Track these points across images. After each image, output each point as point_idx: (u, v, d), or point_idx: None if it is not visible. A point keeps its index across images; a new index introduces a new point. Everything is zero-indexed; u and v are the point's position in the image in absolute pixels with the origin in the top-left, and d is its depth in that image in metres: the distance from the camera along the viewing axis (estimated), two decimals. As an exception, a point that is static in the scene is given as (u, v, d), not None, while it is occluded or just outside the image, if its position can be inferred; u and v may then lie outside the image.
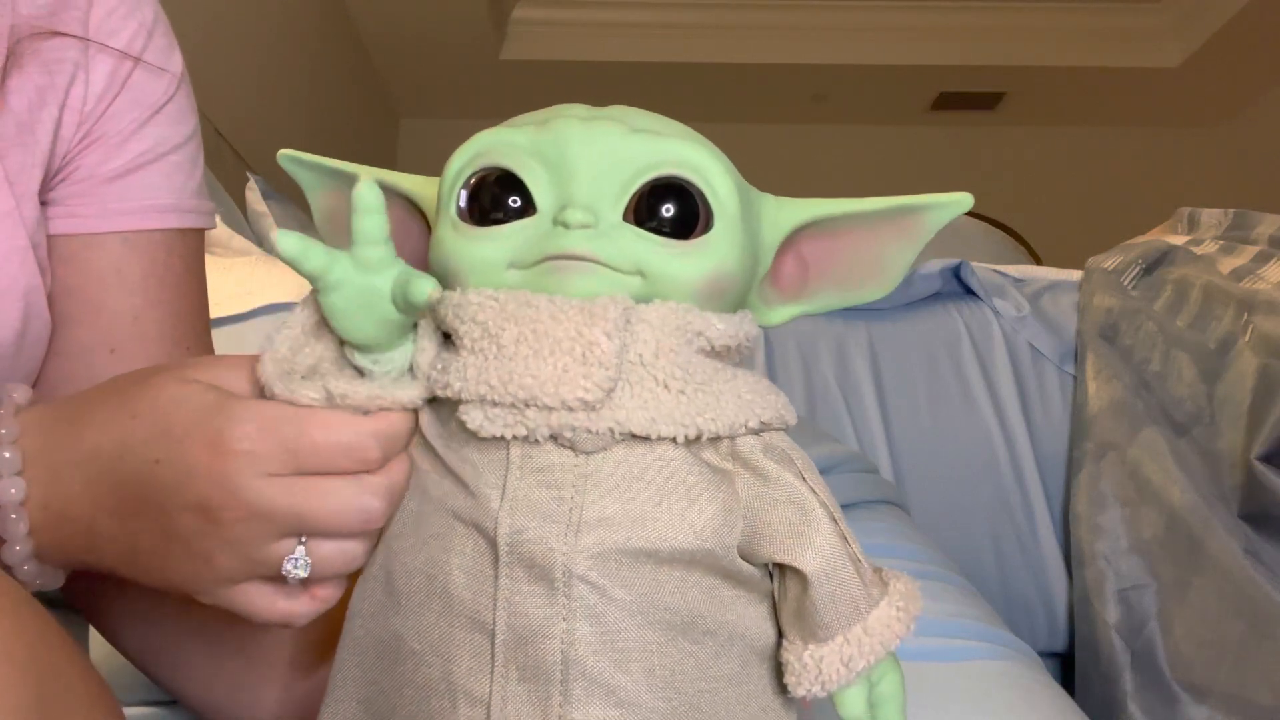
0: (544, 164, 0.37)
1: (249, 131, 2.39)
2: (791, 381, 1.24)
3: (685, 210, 0.37)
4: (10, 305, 0.48)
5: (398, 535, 0.38)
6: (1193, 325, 1.14)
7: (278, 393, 0.36)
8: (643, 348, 0.35)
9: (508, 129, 0.38)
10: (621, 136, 0.37)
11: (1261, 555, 0.92)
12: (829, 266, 0.42)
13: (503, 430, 0.35)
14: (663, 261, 0.36)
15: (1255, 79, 3.79)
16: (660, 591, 0.35)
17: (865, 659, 0.37)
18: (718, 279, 0.37)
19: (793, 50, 3.84)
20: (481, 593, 0.35)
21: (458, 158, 0.38)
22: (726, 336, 0.37)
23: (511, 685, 0.34)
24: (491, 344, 0.35)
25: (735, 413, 0.36)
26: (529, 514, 0.35)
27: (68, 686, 0.34)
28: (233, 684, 0.52)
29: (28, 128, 0.50)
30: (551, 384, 0.34)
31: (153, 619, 0.52)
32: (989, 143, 4.30)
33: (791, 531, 0.36)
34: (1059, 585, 1.15)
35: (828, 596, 0.36)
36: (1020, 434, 1.20)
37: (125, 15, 0.54)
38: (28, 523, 0.39)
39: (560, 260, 0.35)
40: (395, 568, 0.37)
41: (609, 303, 0.35)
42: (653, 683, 0.35)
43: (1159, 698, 0.92)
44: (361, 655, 0.38)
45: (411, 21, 3.50)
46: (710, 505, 0.36)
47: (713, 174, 0.37)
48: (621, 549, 0.35)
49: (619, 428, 0.34)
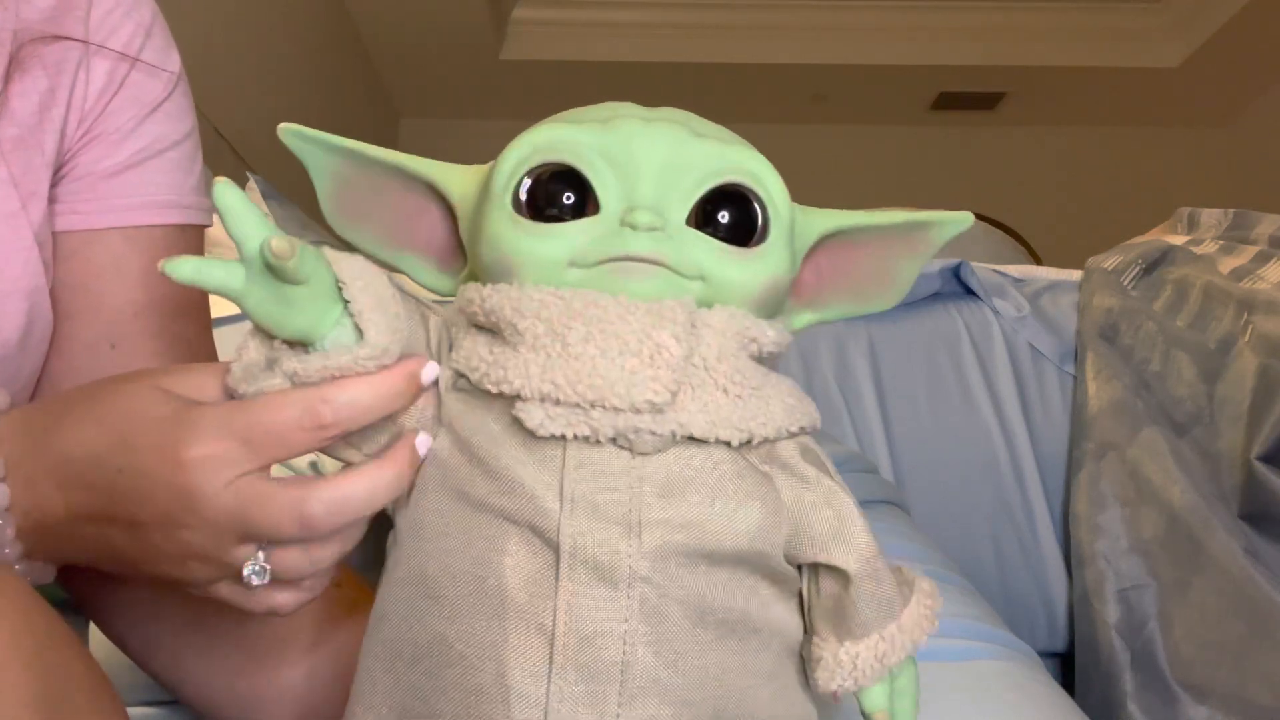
0: (610, 163, 0.37)
1: (249, 131, 2.39)
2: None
3: (746, 218, 0.37)
4: (15, 305, 0.49)
5: (431, 537, 0.37)
6: (1193, 325, 1.14)
7: (241, 392, 0.36)
8: (706, 351, 0.35)
9: (569, 126, 0.38)
10: (687, 141, 0.37)
11: (1261, 555, 0.92)
12: (844, 276, 0.43)
13: (564, 429, 0.34)
14: (724, 267, 0.36)
15: (1255, 79, 3.79)
16: (712, 591, 0.36)
17: (898, 655, 0.38)
18: (773, 286, 0.38)
19: (793, 50, 3.84)
20: (540, 595, 0.35)
21: (515, 150, 0.38)
22: (776, 343, 0.37)
23: (569, 686, 0.34)
24: (556, 342, 0.34)
25: (783, 418, 0.37)
26: (590, 515, 0.35)
27: (74, 683, 0.34)
28: (231, 674, 0.52)
29: (34, 130, 0.50)
30: (621, 385, 0.34)
31: (151, 613, 0.53)
32: (989, 143, 4.30)
33: (833, 533, 0.37)
34: (1059, 585, 1.15)
35: (868, 595, 0.37)
36: (1020, 434, 1.20)
37: (124, 15, 0.54)
38: (15, 527, 0.39)
39: (625, 261, 0.35)
40: (433, 570, 0.36)
41: (676, 305, 0.35)
42: (704, 680, 0.35)
43: (1159, 698, 0.92)
44: (393, 660, 0.37)
45: (411, 21, 3.50)
46: (758, 507, 0.36)
47: (771, 184, 0.38)
48: (680, 550, 0.35)
49: (681, 430, 0.35)
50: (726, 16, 3.78)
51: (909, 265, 0.43)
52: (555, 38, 3.81)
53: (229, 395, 0.37)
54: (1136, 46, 3.81)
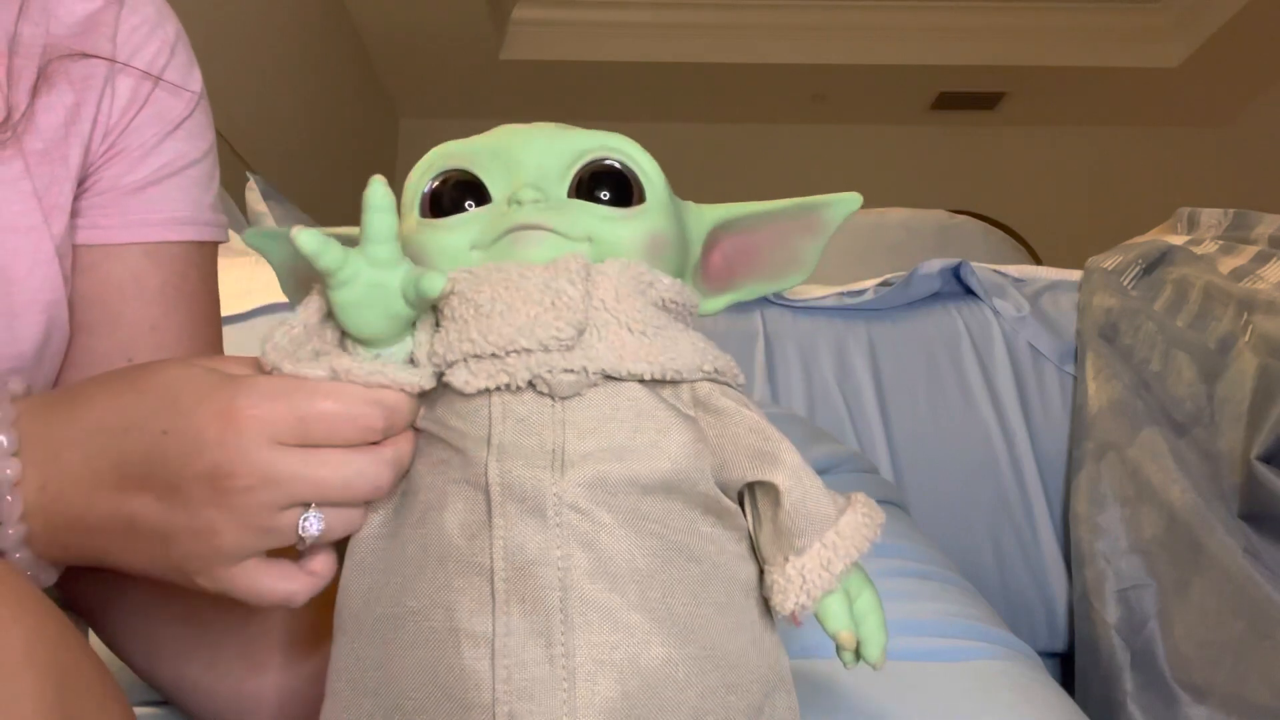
0: (495, 160, 0.42)
1: (249, 131, 2.39)
2: (791, 381, 1.24)
3: (621, 186, 0.42)
4: (34, 318, 0.49)
5: (384, 519, 0.40)
6: (1192, 325, 1.14)
7: (285, 370, 0.38)
8: (604, 294, 0.39)
9: (457, 141, 0.44)
10: (556, 132, 0.43)
11: (1261, 555, 0.92)
12: (749, 259, 0.48)
13: (486, 381, 0.38)
14: (607, 226, 0.41)
15: (1255, 79, 3.80)
16: (645, 520, 0.38)
17: (842, 561, 0.40)
18: (656, 240, 0.42)
19: (793, 50, 3.84)
20: (477, 537, 0.37)
21: (418, 167, 0.43)
22: (674, 291, 0.41)
23: (514, 619, 0.36)
24: (469, 307, 0.38)
25: (692, 356, 0.40)
26: (515, 456, 0.37)
27: (85, 686, 0.35)
28: (234, 686, 0.52)
29: (59, 144, 0.51)
30: (528, 328, 0.37)
31: (155, 620, 0.53)
32: (989, 143, 4.30)
33: (757, 453, 0.40)
34: (1059, 585, 1.15)
35: (800, 505, 0.39)
36: (1020, 434, 1.20)
37: (149, 32, 0.55)
38: (22, 505, 0.39)
39: (518, 231, 0.40)
40: (386, 546, 0.39)
41: (570, 258, 0.39)
42: (647, 603, 0.37)
43: (1159, 698, 0.92)
44: (354, 642, 0.39)
45: (411, 21, 3.50)
46: (681, 434, 0.39)
47: (639, 156, 0.43)
48: (605, 479, 0.37)
49: (591, 365, 0.38)
50: (726, 16, 3.78)
51: (810, 245, 0.47)
52: (555, 38, 3.82)
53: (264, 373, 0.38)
54: (1136, 46, 3.81)
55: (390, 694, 0.37)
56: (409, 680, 0.37)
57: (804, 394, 1.23)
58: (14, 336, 0.49)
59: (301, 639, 0.52)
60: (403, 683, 0.37)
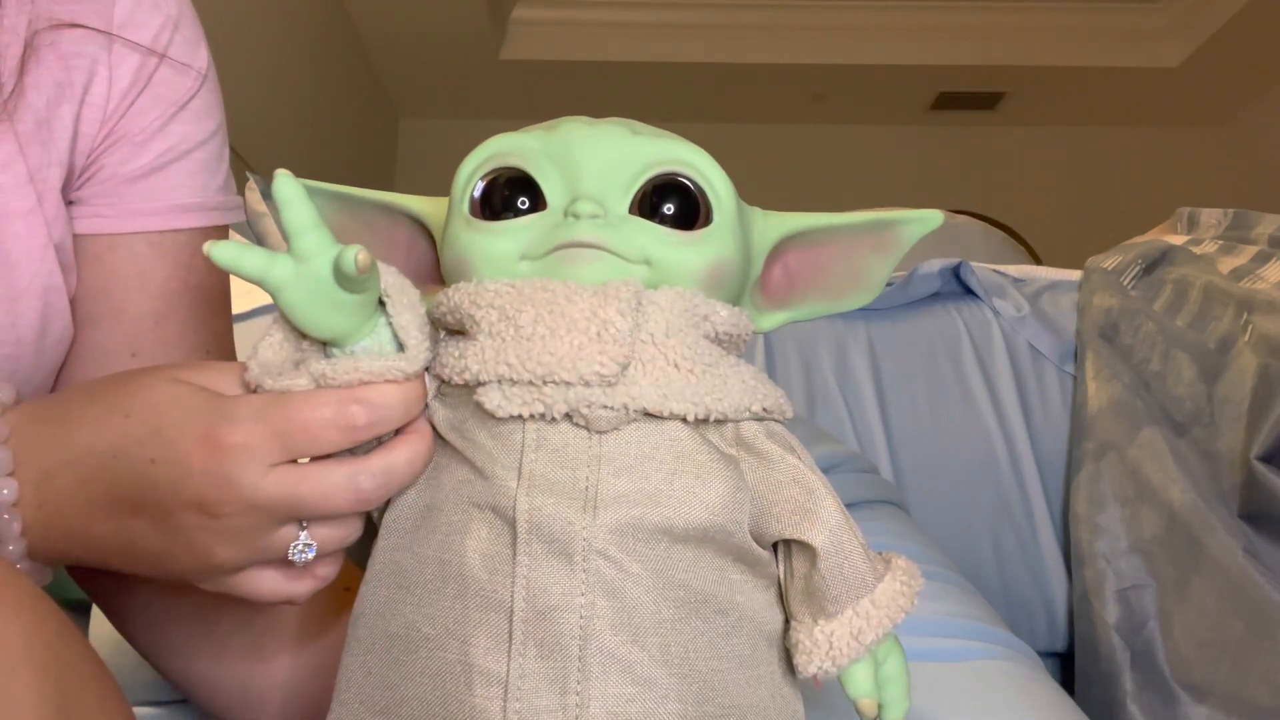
0: (554, 163, 0.39)
1: (249, 132, 2.39)
2: (791, 381, 1.24)
3: (687, 204, 0.39)
4: (30, 303, 0.48)
5: (407, 530, 0.38)
6: (1192, 325, 1.14)
7: (267, 387, 0.37)
8: (654, 327, 0.36)
9: (517, 134, 0.40)
10: (625, 137, 0.39)
11: (1261, 555, 0.92)
12: (813, 276, 0.44)
13: (520, 409, 0.36)
14: (668, 250, 0.38)
15: (1255, 79, 3.79)
16: (674, 569, 0.36)
17: (874, 632, 0.38)
18: (719, 268, 0.39)
19: (793, 50, 3.84)
20: (499, 571, 0.35)
21: (471, 160, 0.40)
22: (730, 323, 0.38)
23: (530, 662, 0.34)
24: (509, 326, 0.36)
25: (740, 395, 0.37)
26: (546, 492, 0.35)
27: (84, 684, 0.34)
28: (241, 679, 0.52)
29: (45, 124, 0.49)
30: (569, 360, 0.35)
31: (163, 615, 0.53)
32: (989, 143, 4.30)
33: (798, 508, 0.37)
34: (1059, 585, 1.15)
35: (836, 570, 0.37)
36: (1020, 434, 1.20)
37: (150, 9, 0.53)
38: (21, 523, 0.39)
39: (571, 248, 0.37)
40: (405, 561, 0.38)
41: (621, 285, 0.36)
42: (668, 659, 0.35)
43: (1159, 698, 0.92)
44: (366, 655, 0.38)
45: (411, 21, 3.50)
46: (720, 483, 0.37)
47: (710, 171, 0.39)
48: (638, 525, 0.35)
49: (633, 403, 0.36)
50: (726, 16, 3.78)
51: (879, 264, 0.43)
52: (555, 38, 3.82)
53: (249, 391, 0.38)
54: (1136, 46, 3.81)
55: (397, 716, 0.36)
56: (417, 706, 0.36)
57: (804, 394, 1.23)
58: (13, 323, 0.48)
59: (307, 633, 0.52)
60: (411, 707, 0.36)
